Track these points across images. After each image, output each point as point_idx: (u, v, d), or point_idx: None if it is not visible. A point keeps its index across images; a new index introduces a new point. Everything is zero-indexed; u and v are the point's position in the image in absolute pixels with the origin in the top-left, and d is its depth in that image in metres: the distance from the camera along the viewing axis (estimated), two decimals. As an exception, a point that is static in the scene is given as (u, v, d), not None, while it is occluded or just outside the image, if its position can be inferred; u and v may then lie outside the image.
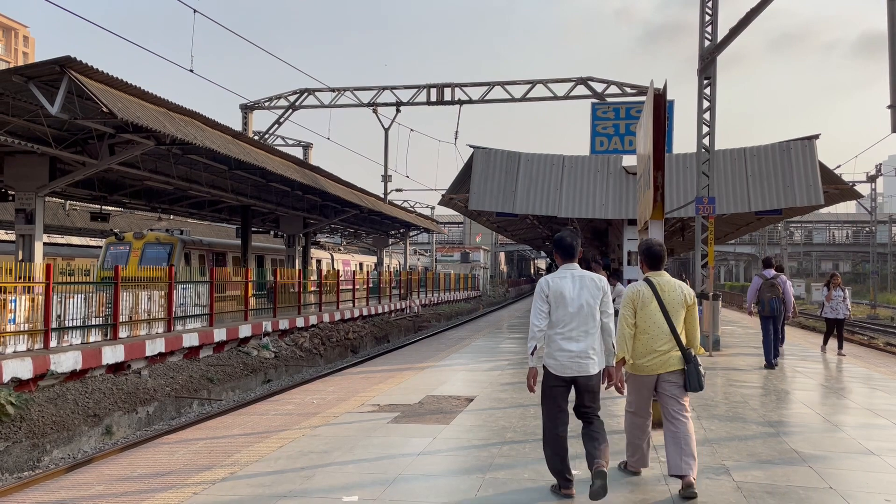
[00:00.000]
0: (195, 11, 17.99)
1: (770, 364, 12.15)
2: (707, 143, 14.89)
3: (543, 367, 5.13)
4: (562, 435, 5.06)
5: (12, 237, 17.90)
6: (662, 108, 7.30)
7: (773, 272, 12.68)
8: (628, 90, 30.13)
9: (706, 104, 14.76)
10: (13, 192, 14.99)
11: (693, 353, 5.28)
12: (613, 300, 5.66)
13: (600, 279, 5.16)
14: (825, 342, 15.15)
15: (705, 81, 14.73)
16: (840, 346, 14.43)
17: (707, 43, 14.47)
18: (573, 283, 5.08)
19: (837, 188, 19.38)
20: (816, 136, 17.32)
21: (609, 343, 5.11)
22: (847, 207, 75.02)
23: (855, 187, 22.16)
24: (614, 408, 7.85)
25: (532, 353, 5.03)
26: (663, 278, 5.44)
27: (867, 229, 68.97)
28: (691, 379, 5.21)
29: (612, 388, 5.22)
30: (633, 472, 5.63)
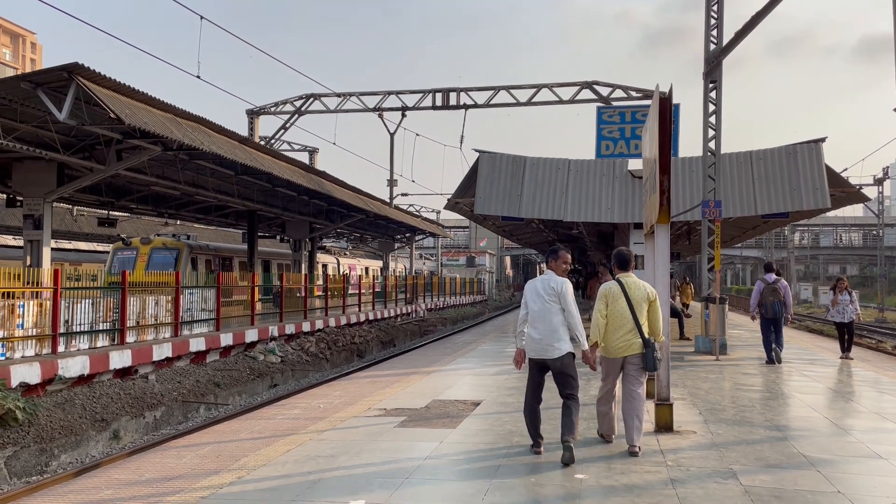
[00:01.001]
0: (202, 18, 18.09)
1: (770, 359, 13.11)
2: (713, 147, 14.86)
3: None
4: (536, 403, 6.48)
5: (20, 242, 18.00)
6: (668, 111, 7.29)
7: (773, 276, 13.34)
8: (633, 94, 30.11)
9: (712, 108, 14.72)
10: (21, 198, 15.07)
11: (651, 340, 6.43)
12: None
13: (562, 283, 6.32)
14: (842, 348, 14.42)
15: (711, 85, 14.69)
16: (848, 350, 14.34)
17: (712, 47, 14.45)
18: (541, 284, 6.38)
19: (844, 191, 19.28)
20: (823, 140, 17.26)
21: (573, 332, 6.23)
22: (854, 211, 74.87)
23: (862, 190, 22.10)
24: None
25: (517, 337, 6.48)
26: (631, 279, 6.65)
27: (875, 232, 68.75)
28: (648, 360, 6.43)
29: (589, 367, 6.50)
30: (605, 439, 6.81)
